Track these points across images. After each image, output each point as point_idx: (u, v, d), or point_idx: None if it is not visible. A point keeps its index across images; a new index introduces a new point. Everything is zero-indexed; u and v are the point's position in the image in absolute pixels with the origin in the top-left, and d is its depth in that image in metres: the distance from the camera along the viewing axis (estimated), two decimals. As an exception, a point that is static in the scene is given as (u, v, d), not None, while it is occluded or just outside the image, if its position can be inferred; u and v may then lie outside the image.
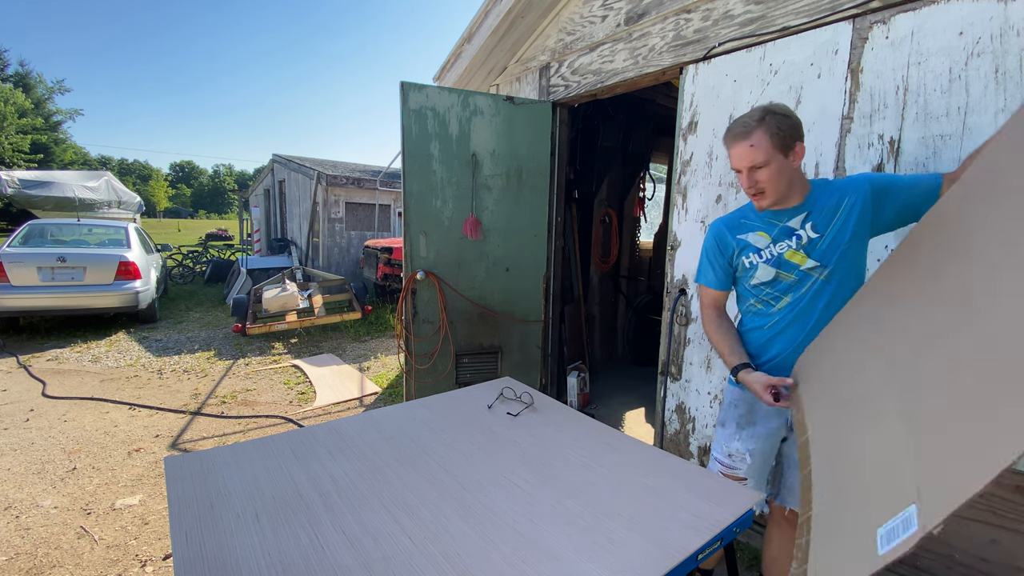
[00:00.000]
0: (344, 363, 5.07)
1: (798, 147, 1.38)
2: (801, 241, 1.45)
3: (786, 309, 1.50)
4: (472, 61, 3.59)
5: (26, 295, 5.34)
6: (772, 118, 1.35)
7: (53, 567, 2.08)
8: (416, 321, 3.13)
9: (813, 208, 1.45)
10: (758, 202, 1.46)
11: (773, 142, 1.35)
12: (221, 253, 13.18)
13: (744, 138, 1.38)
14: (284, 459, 1.35)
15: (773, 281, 1.51)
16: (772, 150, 1.35)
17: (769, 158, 1.36)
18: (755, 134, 1.36)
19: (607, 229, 4.79)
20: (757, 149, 1.36)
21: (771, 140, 1.35)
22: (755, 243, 1.52)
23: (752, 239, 1.53)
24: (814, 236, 1.43)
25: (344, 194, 9.27)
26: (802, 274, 1.46)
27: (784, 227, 1.48)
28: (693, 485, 1.27)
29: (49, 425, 3.43)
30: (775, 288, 1.51)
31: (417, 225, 3.04)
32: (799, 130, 1.39)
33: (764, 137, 1.35)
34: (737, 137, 1.40)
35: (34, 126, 24.53)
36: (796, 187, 1.44)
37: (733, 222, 1.59)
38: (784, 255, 1.48)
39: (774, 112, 1.36)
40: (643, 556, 1.00)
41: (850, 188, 1.42)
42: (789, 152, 1.37)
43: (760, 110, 1.38)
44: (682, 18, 2.44)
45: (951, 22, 1.63)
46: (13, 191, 10.21)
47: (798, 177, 1.44)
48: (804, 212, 1.45)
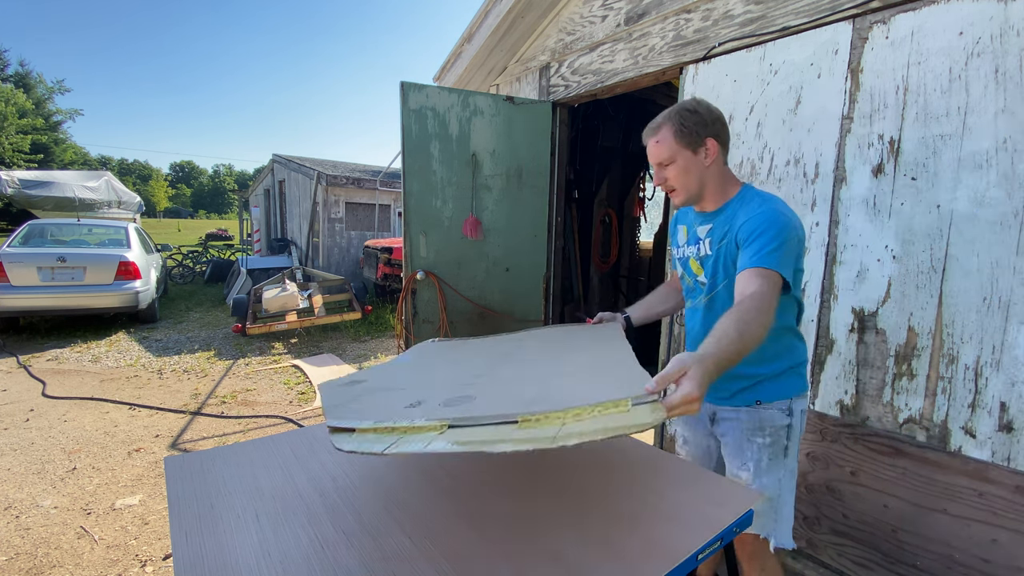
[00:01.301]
0: (344, 363, 5.07)
1: (709, 143, 1.29)
2: (699, 252, 1.40)
3: (688, 312, 1.51)
4: (472, 61, 3.59)
5: (26, 295, 5.34)
6: (679, 115, 1.30)
7: (53, 567, 2.08)
8: (416, 321, 3.13)
9: (717, 222, 1.36)
10: (672, 200, 1.40)
11: (677, 138, 1.29)
12: (221, 253, 13.19)
13: (652, 134, 1.34)
14: (284, 459, 1.35)
15: (682, 278, 1.52)
16: (676, 146, 1.30)
17: (674, 154, 1.30)
18: (661, 130, 1.31)
19: (607, 229, 4.79)
20: (661, 145, 1.31)
21: (675, 136, 1.29)
22: (679, 237, 1.52)
23: (680, 232, 1.52)
24: (709, 252, 1.37)
25: (344, 194, 9.28)
26: (696, 284, 1.44)
27: (694, 232, 1.43)
28: (693, 485, 1.27)
29: (49, 425, 3.43)
30: (685, 286, 1.52)
31: (417, 225, 3.04)
32: (711, 126, 1.30)
33: (668, 133, 1.30)
34: (647, 134, 1.36)
35: (34, 126, 24.54)
36: (713, 190, 1.35)
37: (680, 212, 1.55)
38: (688, 259, 1.46)
39: (684, 108, 1.31)
40: (643, 556, 1.00)
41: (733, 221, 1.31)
42: (698, 148, 1.30)
43: (673, 106, 1.33)
44: (682, 18, 2.44)
45: (951, 22, 1.63)
46: (13, 191, 10.22)
47: (715, 178, 1.34)
48: (711, 223, 1.37)
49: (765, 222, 1.21)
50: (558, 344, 1.36)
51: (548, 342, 1.39)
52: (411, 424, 0.83)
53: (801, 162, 2.03)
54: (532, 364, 1.15)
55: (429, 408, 0.94)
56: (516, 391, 0.94)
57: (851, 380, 1.92)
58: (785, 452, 1.38)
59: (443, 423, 0.81)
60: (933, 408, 1.71)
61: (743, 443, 1.40)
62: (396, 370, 1.35)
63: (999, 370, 1.57)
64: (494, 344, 1.45)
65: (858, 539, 1.92)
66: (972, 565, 1.64)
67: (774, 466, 1.38)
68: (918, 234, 1.72)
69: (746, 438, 1.40)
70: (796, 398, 1.39)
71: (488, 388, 0.99)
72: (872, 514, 1.87)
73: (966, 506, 1.65)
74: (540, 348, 1.32)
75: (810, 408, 2.04)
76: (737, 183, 1.37)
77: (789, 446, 1.38)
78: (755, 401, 1.38)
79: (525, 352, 1.28)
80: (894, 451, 1.80)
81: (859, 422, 1.90)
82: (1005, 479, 1.57)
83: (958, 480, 1.66)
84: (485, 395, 0.94)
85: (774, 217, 1.22)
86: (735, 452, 1.42)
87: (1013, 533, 1.56)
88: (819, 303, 2.00)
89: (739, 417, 1.41)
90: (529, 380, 1.01)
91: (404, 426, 0.83)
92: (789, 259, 1.22)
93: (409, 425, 0.82)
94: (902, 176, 1.76)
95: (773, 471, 1.38)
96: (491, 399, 0.91)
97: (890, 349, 1.80)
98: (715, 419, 1.49)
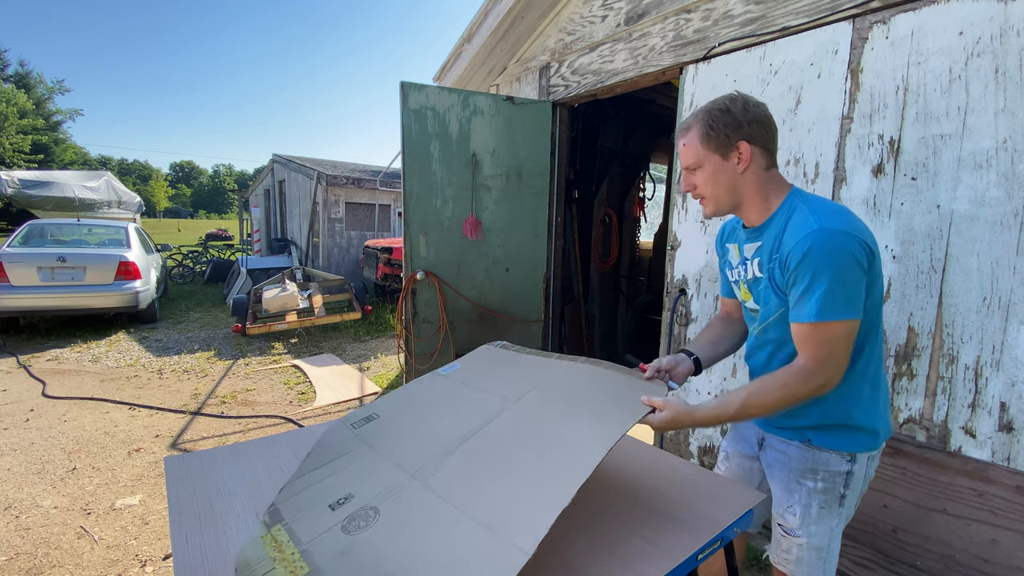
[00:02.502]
0: (344, 363, 5.07)
1: (742, 147, 1.13)
2: (747, 275, 1.22)
3: (748, 344, 1.32)
4: (472, 61, 3.59)
5: (26, 295, 5.34)
6: (708, 114, 1.15)
7: (53, 567, 2.08)
8: (416, 321, 3.13)
9: (763, 238, 1.17)
10: (704, 210, 1.24)
11: (704, 141, 1.15)
12: (221, 253, 13.18)
13: (682, 135, 1.20)
14: (284, 459, 1.35)
15: (742, 304, 1.31)
16: (703, 151, 1.15)
17: (701, 159, 1.16)
18: (690, 131, 1.17)
19: (607, 229, 4.79)
20: (688, 148, 1.18)
21: (701, 139, 1.15)
22: (731, 257, 1.32)
23: (731, 252, 1.32)
24: (759, 275, 1.19)
25: (344, 194, 9.27)
26: (747, 313, 1.28)
27: (743, 251, 1.24)
28: (693, 485, 1.27)
29: (49, 425, 3.43)
30: (745, 313, 1.32)
31: (417, 225, 3.04)
32: (746, 127, 1.12)
33: (695, 135, 1.16)
34: (677, 134, 1.23)
35: (34, 126, 24.53)
36: (752, 199, 1.17)
37: (729, 227, 1.37)
38: (739, 283, 1.27)
39: (716, 107, 1.15)
40: (643, 556, 1.00)
41: (782, 243, 1.11)
42: (729, 153, 1.14)
43: (707, 103, 1.18)
44: (682, 18, 2.44)
45: (951, 22, 1.63)
46: (13, 191, 10.22)
47: (753, 186, 1.16)
48: (758, 240, 1.19)
49: (812, 250, 1.02)
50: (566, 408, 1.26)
51: (567, 398, 1.29)
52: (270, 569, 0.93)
53: (801, 162, 2.03)
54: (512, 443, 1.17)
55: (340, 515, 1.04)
56: (420, 523, 1.00)
57: (851, 380, 1.92)
58: (841, 501, 1.18)
59: (299, 574, 0.91)
60: (933, 408, 1.71)
61: (791, 484, 1.22)
62: (412, 403, 1.47)
63: (999, 370, 1.57)
64: (521, 378, 1.42)
65: (858, 539, 1.92)
66: (972, 565, 1.64)
67: (825, 515, 1.19)
68: (918, 234, 1.72)
69: (795, 479, 1.21)
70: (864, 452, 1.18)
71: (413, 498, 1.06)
72: (872, 514, 1.87)
73: (966, 506, 1.65)
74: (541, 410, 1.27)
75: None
76: (785, 188, 1.18)
77: (847, 495, 1.18)
78: (807, 440, 1.19)
79: (526, 412, 1.25)
80: (894, 451, 1.80)
81: (859, 422, 1.90)
82: (1005, 479, 1.57)
83: (958, 480, 1.66)
84: (390, 518, 1.01)
85: (834, 243, 1.01)
86: (782, 492, 1.25)
87: (1013, 533, 1.56)
88: (819, 303, 2.00)
89: (788, 452, 1.23)
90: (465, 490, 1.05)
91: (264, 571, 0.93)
92: (852, 292, 1.02)
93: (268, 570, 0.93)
94: (902, 176, 1.76)
95: (824, 520, 1.19)
96: (387, 531, 0.99)
97: (890, 349, 1.80)
98: (763, 446, 1.32)
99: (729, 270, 1.34)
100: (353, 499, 1.08)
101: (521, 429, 1.18)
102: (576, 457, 1.01)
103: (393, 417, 1.42)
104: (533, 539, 0.84)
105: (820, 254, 1.01)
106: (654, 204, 5.48)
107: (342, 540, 0.97)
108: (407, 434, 1.31)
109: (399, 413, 1.44)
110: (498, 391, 1.37)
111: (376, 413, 1.46)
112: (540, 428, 1.16)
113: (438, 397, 1.47)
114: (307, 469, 1.25)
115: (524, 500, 0.96)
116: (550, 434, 1.13)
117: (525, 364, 1.52)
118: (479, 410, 1.31)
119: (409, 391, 1.55)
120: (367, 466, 1.20)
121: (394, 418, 1.42)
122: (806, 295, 1.04)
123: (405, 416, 1.41)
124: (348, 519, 1.02)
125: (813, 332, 1.04)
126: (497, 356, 1.62)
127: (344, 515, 1.04)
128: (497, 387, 1.40)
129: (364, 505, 1.06)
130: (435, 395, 1.49)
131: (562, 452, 1.05)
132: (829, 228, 1.02)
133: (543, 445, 1.09)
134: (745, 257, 1.23)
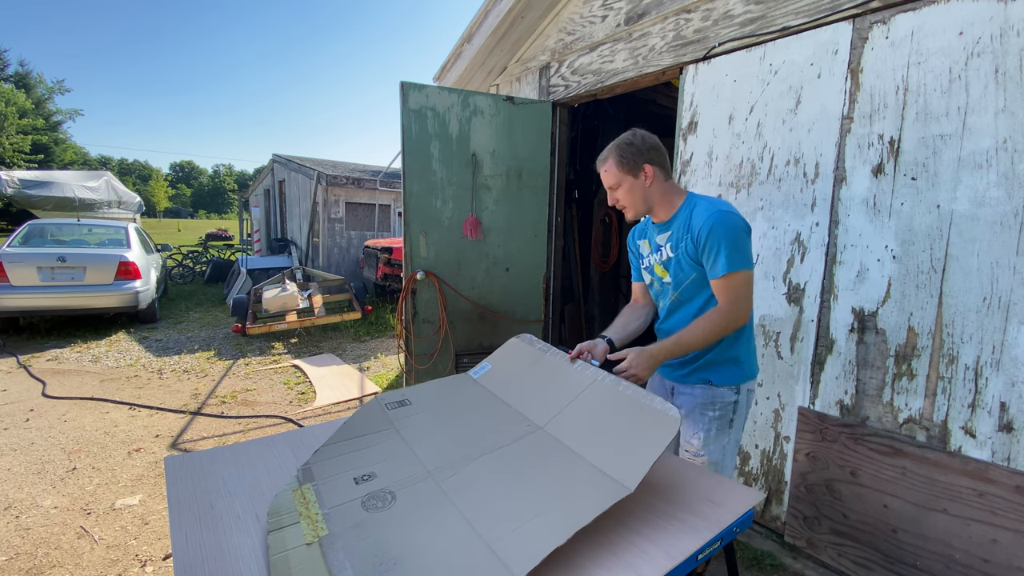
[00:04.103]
0: (344, 363, 5.07)
1: (647, 168, 1.56)
2: (662, 256, 1.64)
3: (660, 312, 1.74)
4: (472, 61, 3.59)
5: (26, 295, 5.34)
6: (619, 148, 1.57)
7: (53, 567, 2.08)
8: (416, 321, 3.13)
9: (672, 228, 1.60)
10: (626, 216, 1.66)
11: (619, 167, 1.56)
12: (221, 253, 13.18)
13: (601, 165, 1.61)
14: (284, 459, 1.35)
15: (651, 286, 1.74)
16: (620, 174, 1.57)
17: (620, 180, 1.57)
18: (607, 162, 1.59)
19: (607, 229, 4.79)
20: (608, 174, 1.59)
21: (618, 166, 1.57)
22: (642, 250, 1.76)
23: (641, 247, 1.76)
24: (670, 255, 1.61)
25: (344, 194, 9.27)
26: (663, 286, 1.67)
27: (655, 241, 1.68)
28: (693, 485, 1.27)
29: (49, 425, 3.43)
30: (653, 292, 1.75)
31: (417, 225, 3.04)
32: (647, 154, 1.55)
33: (612, 163, 1.57)
34: (598, 164, 1.64)
35: (34, 126, 24.52)
36: (660, 203, 1.60)
37: (638, 229, 1.80)
38: (654, 266, 1.69)
39: (623, 141, 1.58)
40: (643, 556, 1.00)
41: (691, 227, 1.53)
42: (638, 173, 1.56)
43: (616, 139, 1.60)
44: (682, 18, 2.44)
45: (951, 22, 1.63)
46: (13, 191, 10.21)
47: (659, 194, 1.59)
48: (668, 230, 1.61)
49: (716, 226, 1.45)
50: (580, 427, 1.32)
51: (588, 432, 1.32)
52: (295, 522, 1.05)
53: (801, 162, 2.03)
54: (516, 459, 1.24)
55: (362, 491, 1.15)
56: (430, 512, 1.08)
57: (851, 380, 1.92)
58: (731, 424, 1.61)
59: (319, 534, 1.02)
60: (933, 408, 1.72)
61: (696, 416, 1.62)
62: (442, 400, 1.56)
63: (999, 370, 1.57)
64: (547, 395, 1.47)
65: (858, 539, 1.92)
66: (972, 565, 1.64)
67: (720, 437, 1.61)
68: (918, 234, 1.73)
69: (699, 412, 1.62)
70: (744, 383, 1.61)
71: (427, 494, 1.14)
72: (872, 514, 1.87)
73: (966, 506, 1.65)
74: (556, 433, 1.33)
75: (810, 408, 2.04)
76: (682, 192, 1.61)
77: (735, 420, 1.61)
78: (707, 381, 1.59)
79: (547, 441, 1.31)
80: (894, 451, 1.80)
81: (859, 422, 1.90)
82: (1005, 479, 1.57)
83: (958, 480, 1.66)
84: (404, 506, 1.10)
85: (722, 219, 1.45)
86: (689, 424, 1.64)
87: (1013, 533, 1.56)
88: (819, 303, 2.00)
89: (694, 393, 1.63)
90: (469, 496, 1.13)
91: (290, 523, 1.05)
92: (746, 251, 1.47)
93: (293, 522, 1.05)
94: (902, 176, 1.76)
95: (719, 441, 1.61)
96: (402, 513, 1.08)
97: (890, 349, 1.80)
98: (674, 393, 1.71)
99: (640, 260, 1.76)
100: (376, 478, 1.19)
101: (540, 461, 1.24)
102: (581, 501, 1.06)
103: (423, 408, 1.51)
104: (524, 567, 0.90)
105: (721, 228, 1.44)
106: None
107: (359, 514, 1.07)
108: (432, 430, 1.40)
109: (429, 407, 1.53)
110: (524, 411, 1.46)
111: (408, 399, 1.55)
112: (556, 460, 1.23)
113: (468, 402, 1.55)
114: (342, 437, 1.36)
115: (527, 528, 1.01)
116: (563, 470, 1.19)
117: (553, 373, 1.55)
118: (504, 428, 1.39)
119: (442, 387, 1.64)
120: (393, 450, 1.31)
121: (424, 410, 1.51)
122: (717, 257, 1.45)
123: (434, 412, 1.50)
124: (368, 496, 1.13)
125: (726, 281, 1.45)
126: (526, 358, 1.68)
127: (365, 491, 1.14)
128: (524, 405, 1.48)
129: (384, 488, 1.16)
130: (465, 399, 1.56)
131: (570, 492, 1.10)
132: (723, 211, 1.47)
133: (555, 479, 1.16)
134: (658, 245, 1.65)
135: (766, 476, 2.23)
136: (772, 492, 2.21)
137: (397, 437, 1.37)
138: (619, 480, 1.11)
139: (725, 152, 2.30)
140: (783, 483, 2.16)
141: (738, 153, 2.25)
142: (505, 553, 0.95)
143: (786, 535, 2.15)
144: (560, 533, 0.96)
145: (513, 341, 1.79)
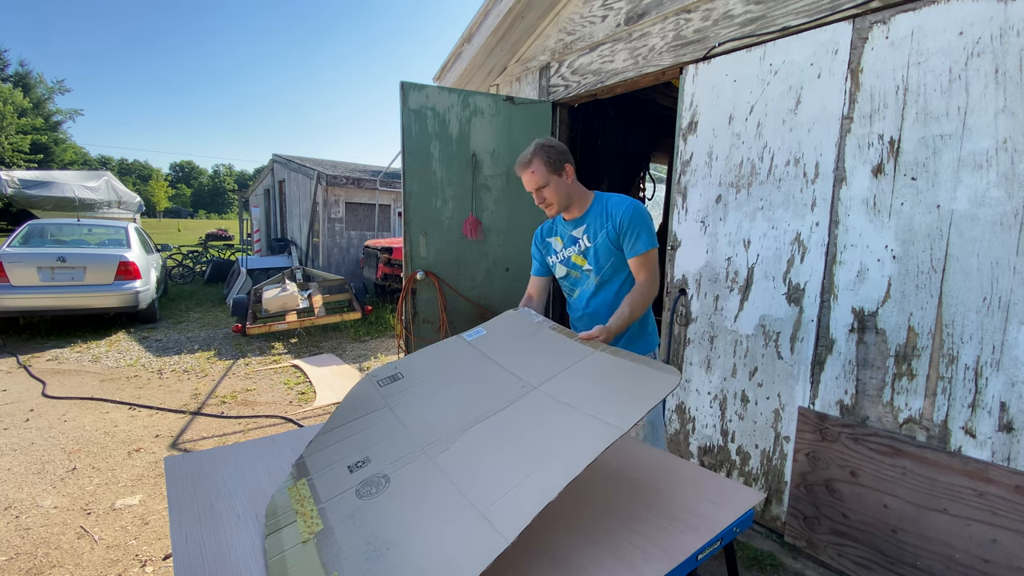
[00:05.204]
0: (344, 363, 5.07)
1: (567, 168, 1.77)
2: (580, 248, 1.84)
3: (578, 298, 1.92)
4: (472, 61, 3.59)
5: (26, 295, 5.34)
6: (544, 150, 1.73)
7: (53, 567, 2.08)
8: (416, 321, 3.13)
9: (587, 221, 1.82)
10: (548, 212, 1.82)
11: (548, 167, 1.73)
12: (221, 253, 13.17)
13: (526, 167, 1.75)
14: (284, 459, 1.35)
15: (566, 277, 1.93)
16: (548, 173, 1.73)
17: (547, 180, 1.74)
18: (533, 163, 1.73)
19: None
20: (536, 174, 1.74)
21: (546, 166, 1.73)
22: (555, 247, 1.94)
23: (554, 243, 1.94)
24: (588, 245, 1.81)
25: (344, 194, 9.27)
26: (583, 273, 1.86)
27: (571, 235, 1.87)
28: (693, 485, 1.27)
29: (49, 425, 3.43)
30: (568, 281, 1.94)
31: (417, 225, 3.04)
32: (566, 155, 1.77)
33: (540, 164, 1.73)
34: (521, 167, 1.77)
35: (34, 126, 24.53)
36: (576, 200, 1.81)
37: (547, 228, 1.99)
38: (571, 258, 1.87)
39: (545, 144, 1.75)
40: (643, 556, 1.00)
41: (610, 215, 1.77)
42: (561, 172, 1.75)
43: (535, 144, 1.75)
44: (682, 18, 2.44)
45: (951, 22, 1.63)
46: (13, 191, 10.21)
47: (576, 191, 1.81)
48: (583, 224, 1.82)
49: (634, 214, 1.73)
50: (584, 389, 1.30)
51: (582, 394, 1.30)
52: (290, 521, 1.06)
53: (801, 162, 2.03)
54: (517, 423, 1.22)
55: (357, 479, 1.15)
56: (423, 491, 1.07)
57: (851, 380, 1.92)
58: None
59: (314, 531, 1.02)
60: (933, 408, 1.71)
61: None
62: (435, 367, 1.54)
63: (999, 370, 1.57)
64: (542, 361, 1.44)
65: (858, 539, 1.92)
66: (972, 565, 1.64)
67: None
68: (918, 234, 1.73)
69: None
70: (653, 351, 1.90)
71: (421, 471, 1.13)
72: (872, 514, 1.87)
73: (966, 506, 1.65)
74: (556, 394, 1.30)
75: (810, 408, 2.05)
76: (590, 192, 1.85)
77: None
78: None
79: (542, 403, 1.28)
80: (894, 451, 1.80)
81: (859, 422, 1.90)
82: (1005, 479, 1.57)
83: (958, 480, 1.66)
84: (397, 487, 1.10)
85: (637, 208, 1.75)
86: None
87: (1013, 533, 1.56)
88: (819, 303, 2.00)
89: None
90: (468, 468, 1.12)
91: (285, 522, 1.06)
92: (654, 233, 1.75)
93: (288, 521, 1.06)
94: (902, 176, 1.76)
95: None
96: (394, 500, 1.07)
97: (890, 349, 1.80)
98: None
99: (552, 255, 1.95)
100: (370, 463, 1.19)
101: (534, 419, 1.21)
102: (574, 448, 1.04)
103: (416, 381, 1.49)
104: (515, 529, 0.90)
105: (637, 214, 1.73)
106: (654, 204, 5.48)
107: (354, 504, 1.06)
108: (425, 403, 1.38)
109: (422, 378, 1.49)
110: (519, 373, 1.42)
111: (401, 372, 1.54)
112: (551, 415, 1.20)
113: (461, 365, 1.52)
114: (335, 424, 1.35)
115: (519, 489, 0.99)
116: (558, 424, 1.17)
117: (547, 344, 1.55)
118: (498, 392, 1.36)
119: (434, 353, 1.60)
120: (386, 431, 1.29)
121: (417, 382, 1.48)
122: (638, 238, 1.72)
123: (427, 382, 1.47)
124: (362, 484, 1.12)
125: (646, 259, 1.72)
126: (521, 327, 1.68)
127: (360, 479, 1.14)
128: (519, 368, 1.45)
129: (377, 472, 1.15)
130: (458, 363, 1.54)
131: (562, 449, 1.07)
132: (634, 202, 1.77)
133: (549, 438, 1.13)
134: (574, 237, 1.85)
135: (766, 476, 2.23)
136: (772, 492, 2.21)
137: (390, 416, 1.35)
138: (612, 423, 1.08)
139: (725, 152, 2.30)
140: (783, 483, 2.16)
141: (738, 153, 2.25)
142: (497, 518, 0.94)
143: (786, 535, 2.15)
144: (553, 487, 0.95)
145: (511, 312, 1.80)
